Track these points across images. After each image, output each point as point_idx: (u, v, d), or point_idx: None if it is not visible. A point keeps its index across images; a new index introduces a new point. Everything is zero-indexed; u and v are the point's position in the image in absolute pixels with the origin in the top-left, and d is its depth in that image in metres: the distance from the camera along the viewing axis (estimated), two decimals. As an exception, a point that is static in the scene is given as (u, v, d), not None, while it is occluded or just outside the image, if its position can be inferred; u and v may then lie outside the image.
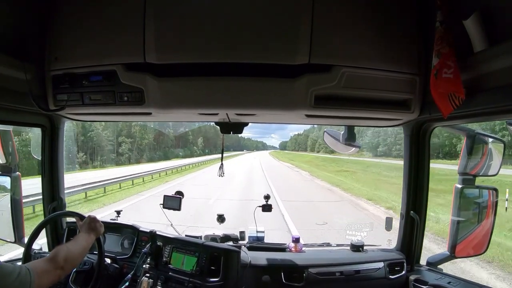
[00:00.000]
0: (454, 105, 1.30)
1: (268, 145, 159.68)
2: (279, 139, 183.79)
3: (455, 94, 1.29)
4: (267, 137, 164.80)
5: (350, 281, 1.96)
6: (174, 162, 34.89)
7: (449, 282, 1.78)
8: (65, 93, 1.63)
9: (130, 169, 23.19)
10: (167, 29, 1.42)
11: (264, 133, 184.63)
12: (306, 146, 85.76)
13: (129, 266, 1.94)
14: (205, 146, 66.19)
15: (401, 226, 2.08)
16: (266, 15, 1.39)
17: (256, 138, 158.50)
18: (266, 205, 2.19)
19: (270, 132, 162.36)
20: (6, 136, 2.04)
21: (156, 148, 49.36)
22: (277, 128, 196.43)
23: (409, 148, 1.97)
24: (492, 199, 1.88)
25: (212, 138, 64.81)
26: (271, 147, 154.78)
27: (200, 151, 63.22)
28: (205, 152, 60.90)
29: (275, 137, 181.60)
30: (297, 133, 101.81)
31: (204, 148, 65.66)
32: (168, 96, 1.54)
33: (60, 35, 1.58)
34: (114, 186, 15.27)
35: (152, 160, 41.59)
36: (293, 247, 2.17)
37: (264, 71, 1.45)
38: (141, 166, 28.92)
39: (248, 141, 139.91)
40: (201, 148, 65.49)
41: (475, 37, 1.23)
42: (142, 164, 34.30)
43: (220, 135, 2.02)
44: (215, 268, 1.80)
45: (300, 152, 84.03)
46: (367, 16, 1.46)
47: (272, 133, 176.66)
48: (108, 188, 14.65)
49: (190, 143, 62.49)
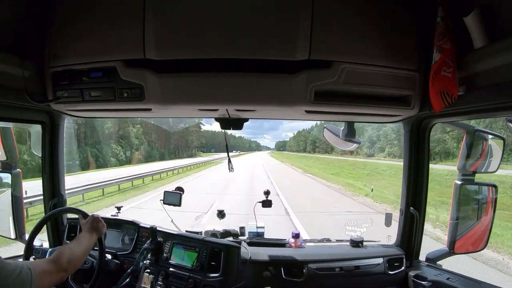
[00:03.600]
0: (446, 103, 1.32)
1: (262, 145, 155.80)
2: (272, 140, 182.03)
3: (448, 92, 1.30)
4: (260, 137, 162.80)
5: (350, 276, 1.97)
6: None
7: (448, 278, 1.79)
8: (65, 89, 1.63)
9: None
10: (167, 25, 1.41)
11: (256, 133, 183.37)
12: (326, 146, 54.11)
13: (129, 262, 1.95)
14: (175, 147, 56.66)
15: (401, 222, 2.09)
16: (266, 11, 1.39)
17: (249, 138, 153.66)
18: (266, 200, 2.19)
19: (262, 132, 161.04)
20: (6, 133, 2.04)
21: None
22: (270, 129, 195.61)
23: (408, 144, 1.97)
24: (491, 195, 1.88)
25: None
26: (265, 147, 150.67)
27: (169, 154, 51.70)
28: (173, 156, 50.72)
29: (267, 138, 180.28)
30: (301, 129, 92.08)
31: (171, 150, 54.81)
32: (168, 92, 1.54)
33: (60, 31, 1.58)
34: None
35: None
36: (293, 243, 2.18)
37: (264, 67, 1.45)
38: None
39: (240, 140, 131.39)
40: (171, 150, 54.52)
41: (475, 34, 1.23)
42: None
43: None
44: (215, 264, 1.81)
45: (316, 154, 60.13)
46: (367, 12, 1.46)
47: (265, 133, 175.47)
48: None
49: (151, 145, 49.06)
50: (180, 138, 55.16)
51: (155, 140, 47.73)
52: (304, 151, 77.47)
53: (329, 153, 49.09)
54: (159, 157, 44.48)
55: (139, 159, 38.65)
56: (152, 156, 43.12)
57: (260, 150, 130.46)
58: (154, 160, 40.09)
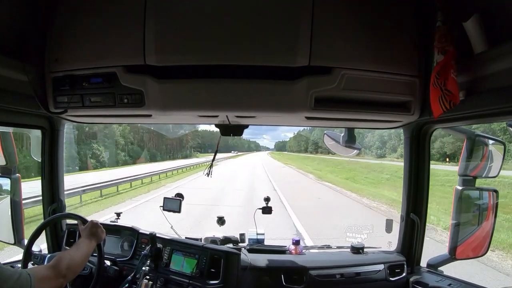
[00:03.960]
0: (444, 108, 1.31)
1: (261, 145, 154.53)
2: (271, 140, 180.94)
3: (446, 98, 1.29)
4: (259, 138, 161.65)
5: (351, 283, 1.95)
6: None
7: (449, 284, 1.78)
8: (65, 95, 1.63)
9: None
10: (167, 31, 1.42)
11: (255, 134, 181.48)
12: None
13: (128, 268, 1.93)
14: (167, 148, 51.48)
15: (402, 228, 2.07)
16: (266, 17, 1.39)
17: (248, 138, 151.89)
18: (266, 207, 2.18)
19: (261, 133, 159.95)
20: (6, 138, 2.04)
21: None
22: (269, 129, 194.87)
23: (409, 150, 1.96)
24: (492, 200, 1.88)
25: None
26: (264, 147, 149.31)
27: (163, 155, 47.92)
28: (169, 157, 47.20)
29: (267, 138, 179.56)
30: (302, 129, 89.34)
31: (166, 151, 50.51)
32: (168, 98, 1.54)
33: (61, 36, 1.58)
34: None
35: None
36: (293, 249, 2.16)
37: (264, 73, 1.45)
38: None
39: (239, 140, 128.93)
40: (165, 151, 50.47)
41: (475, 39, 1.23)
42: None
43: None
44: (215, 271, 1.80)
45: (319, 154, 54.41)
46: (367, 19, 1.46)
47: (264, 134, 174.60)
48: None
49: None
50: (174, 138, 50.33)
51: (146, 139, 44.48)
52: (306, 151, 73.43)
53: (333, 154, 45.87)
54: (150, 158, 40.91)
55: (125, 160, 35.22)
56: (143, 157, 39.07)
57: (259, 151, 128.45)
58: (145, 162, 36.20)
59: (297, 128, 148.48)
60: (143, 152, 40.92)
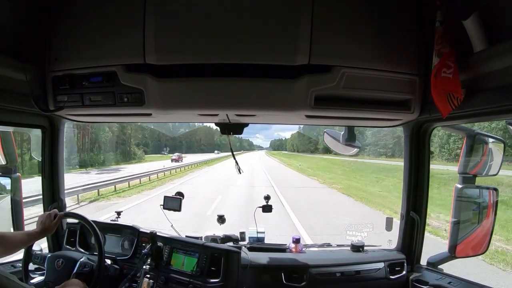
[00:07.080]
0: (453, 105, 1.31)
1: (254, 144, 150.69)
2: (264, 139, 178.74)
3: (454, 94, 1.29)
4: (252, 136, 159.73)
5: (351, 281, 1.96)
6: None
7: (449, 282, 1.78)
8: (65, 94, 1.63)
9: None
10: (167, 30, 1.41)
11: (249, 132, 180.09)
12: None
13: (129, 267, 1.93)
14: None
15: (401, 226, 2.08)
16: (266, 16, 1.39)
17: (241, 137, 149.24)
18: (266, 205, 2.19)
19: (254, 132, 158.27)
20: (6, 137, 2.04)
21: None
22: (262, 128, 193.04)
23: (409, 148, 1.97)
24: (492, 199, 1.88)
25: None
26: (258, 146, 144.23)
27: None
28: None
29: (260, 137, 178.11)
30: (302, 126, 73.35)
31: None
32: (168, 97, 1.54)
33: (60, 36, 1.58)
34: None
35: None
36: (294, 248, 2.16)
37: (264, 72, 1.45)
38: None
39: (232, 137, 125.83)
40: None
41: (474, 37, 1.23)
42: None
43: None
44: (215, 269, 1.80)
45: (325, 155, 44.58)
46: (367, 17, 1.46)
47: (257, 133, 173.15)
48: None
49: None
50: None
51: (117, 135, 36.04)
52: (316, 151, 58.28)
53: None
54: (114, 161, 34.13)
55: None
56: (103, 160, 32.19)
57: (253, 150, 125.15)
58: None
59: (292, 128, 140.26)
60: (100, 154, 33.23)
